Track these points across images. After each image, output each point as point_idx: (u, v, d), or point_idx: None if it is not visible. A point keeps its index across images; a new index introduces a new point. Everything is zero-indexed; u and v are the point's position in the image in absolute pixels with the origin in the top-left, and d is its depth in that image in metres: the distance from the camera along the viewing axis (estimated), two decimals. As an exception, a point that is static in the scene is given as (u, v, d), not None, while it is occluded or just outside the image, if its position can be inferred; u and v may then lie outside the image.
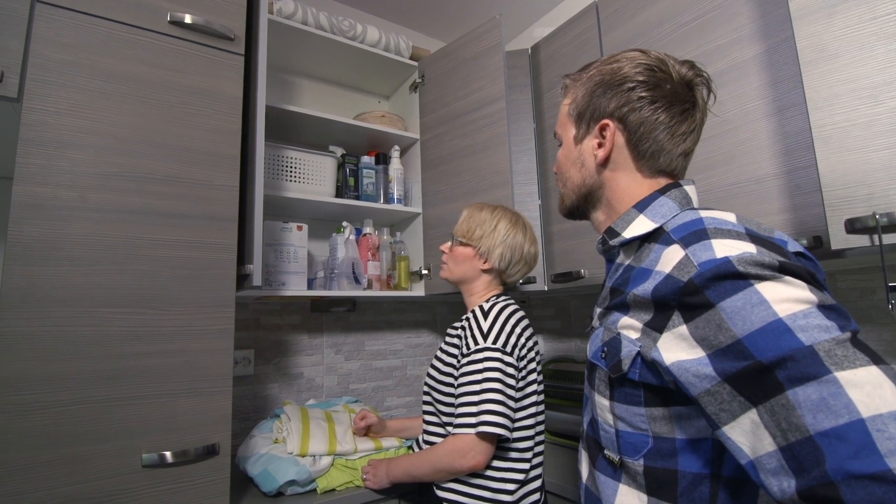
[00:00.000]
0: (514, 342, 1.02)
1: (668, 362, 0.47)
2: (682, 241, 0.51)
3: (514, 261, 1.15)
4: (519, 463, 1.01)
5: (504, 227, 1.15)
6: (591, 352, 0.60)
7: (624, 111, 0.61)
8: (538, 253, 1.22)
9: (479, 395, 0.96)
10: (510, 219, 1.17)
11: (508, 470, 1.00)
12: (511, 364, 0.99)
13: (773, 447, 0.39)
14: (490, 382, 0.97)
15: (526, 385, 1.03)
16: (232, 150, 1.05)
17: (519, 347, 1.03)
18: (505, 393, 0.97)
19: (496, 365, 0.98)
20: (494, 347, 1.00)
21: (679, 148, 0.61)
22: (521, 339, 1.05)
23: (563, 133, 0.70)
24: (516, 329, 1.04)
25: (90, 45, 0.92)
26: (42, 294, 0.83)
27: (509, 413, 0.97)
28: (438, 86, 1.62)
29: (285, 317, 1.57)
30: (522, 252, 1.16)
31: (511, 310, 1.07)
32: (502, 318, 1.04)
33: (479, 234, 1.15)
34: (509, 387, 0.98)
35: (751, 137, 1.03)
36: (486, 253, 1.14)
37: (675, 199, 0.60)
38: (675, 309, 0.48)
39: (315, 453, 1.14)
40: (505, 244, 1.14)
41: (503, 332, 1.02)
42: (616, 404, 0.55)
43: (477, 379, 0.97)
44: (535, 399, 1.05)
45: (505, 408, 0.96)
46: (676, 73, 0.60)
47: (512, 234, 1.15)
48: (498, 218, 1.17)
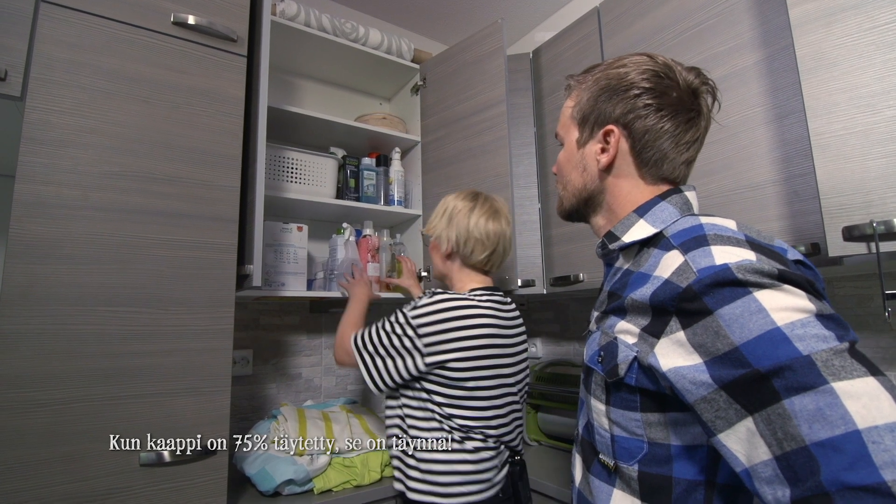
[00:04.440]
0: (430, 329, 0.97)
1: (664, 368, 0.47)
2: (682, 246, 0.51)
3: (462, 240, 1.09)
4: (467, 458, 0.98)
5: (453, 206, 1.11)
6: (588, 356, 0.60)
7: (629, 118, 0.61)
8: (500, 231, 1.10)
9: (372, 327, 1.05)
10: (465, 197, 1.12)
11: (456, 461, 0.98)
12: (408, 336, 0.98)
13: (768, 456, 0.40)
14: (384, 327, 1.02)
15: (457, 379, 0.98)
16: (233, 150, 1.06)
17: (435, 337, 0.97)
18: (384, 345, 1.00)
19: (398, 321, 1.00)
20: (405, 312, 1.00)
21: (683, 156, 0.62)
22: (449, 334, 0.97)
23: (565, 135, 0.70)
24: (448, 324, 0.97)
25: (94, 44, 0.93)
26: (42, 292, 0.83)
27: (381, 363, 1.00)
28: (440, 89, 1.62)
29: (284, 317, 1.58)
30: (471, 229, 1.08)
31: (455, 305, 0.99)
32: (438, 307, 0.99)
33: (435, 223, 1.14)
34: (392, 345, 0.99)
35: (749, 144, 1.04)
36: (439, 238, 1.12)
37: (675, 204, 0.60)
38: (673, 315, 0.48)
39: (312, 452, 1.14)
40: (453, 224, 1.10)
41: (426, 315, 0.98)
42: (612, 409, 0.55)
43: (378, 324, 1.05)
44: (477, 394, 1.00)
45: (378, 356, 1.00)
46: (683, 81, 0.61)
47: (462, 213, 1.09)
48: (452, 200, 1.13)
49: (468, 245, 1.08)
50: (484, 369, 0.99)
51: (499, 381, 1.02)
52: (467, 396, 0.99)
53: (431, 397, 0.99)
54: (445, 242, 1.11)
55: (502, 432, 1.03)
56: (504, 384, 1.04)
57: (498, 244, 1.10)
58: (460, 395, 0.98)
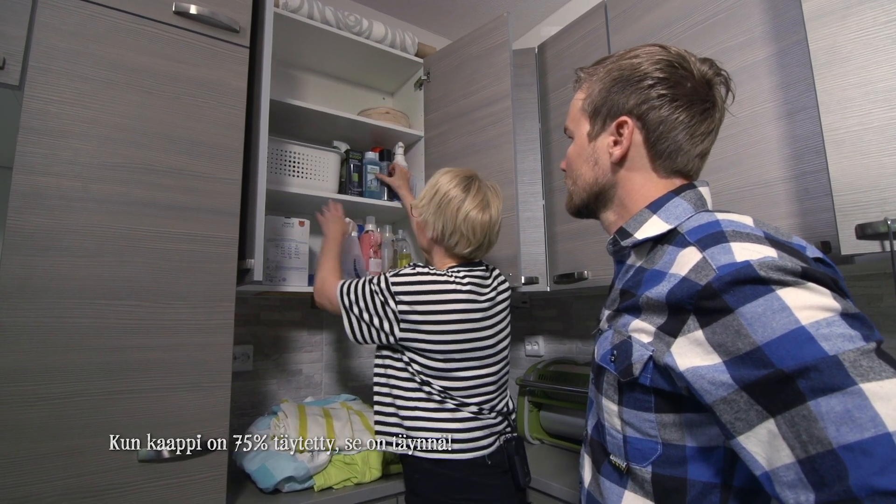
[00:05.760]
0: (406, 299, 1.00)
1: (681, 368, 0.46)
2: (699, 243, 0.50)
3: (448, 231, 1.07)
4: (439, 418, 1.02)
5: (445, 192, 1.08)
6: (600, 354, 0.59)
7: (643, 109, 0.59)
8: (489, 223, 1.08)
9: (358, 281, 1.08)
10: (458, 183, 1.08)
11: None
12: (385, 299, 1.02)
13: (791, 459, 0.38)
14: (369, 285, 1.05)
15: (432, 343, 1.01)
16: (235, 143, 1.04)
17: (408, 307, 1.00)
18: (367, 301, 1.03)
19: (379, 284, 1.03)
20: (387, 277, 1.04)
21: (697, 148, 0.60)
22: (422, 307, 1.00)
23: (575, 128, 0.68)
24: (423, 297, 1.00)
25: (94, 33, 0.91)
26: (41, 285, 0.82)
27: (361, 316, 1.04)
28: (444, 83, 1.60)
29: (285, 313, 1.56)
30: (458, 222, 1.05)
31: (433, 280, 1.02)
32: (416, 279, 1.02)
33: (424, 204, 1.11)
34: (374, 304, 1.03)
35: (759, 140, 1.02)
36: (426, 222, 1.10)
37: (689, 200, 0.59)
38: (691, 313, 0.46)
39: (313, 448, 1.12)
40: (441, 211, 1.07)
41: (404, 284, 1.01)
42: (624, 409, 0.54)
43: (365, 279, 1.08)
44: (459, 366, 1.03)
45: (359, 308, 1.04)
46: (697, 71, 0.59)
47: (453, 203, 1.06)
48: (446, 183, 1.09)
49: (453, 237, 1.07)
50: (458, 345, 1.02)
51: (476, 354, 1.05)
52: (443, 369, 1.02)
53: (411, 365, 1.03)
54: (431, 229, 1.10)
55: (482, 399, 1.05)
56: (482, 356, 1.06)
57: (484, 238, 1.09)
58: (436, 367, 1.02)
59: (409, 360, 1.03)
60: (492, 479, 1.02)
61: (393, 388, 1.05)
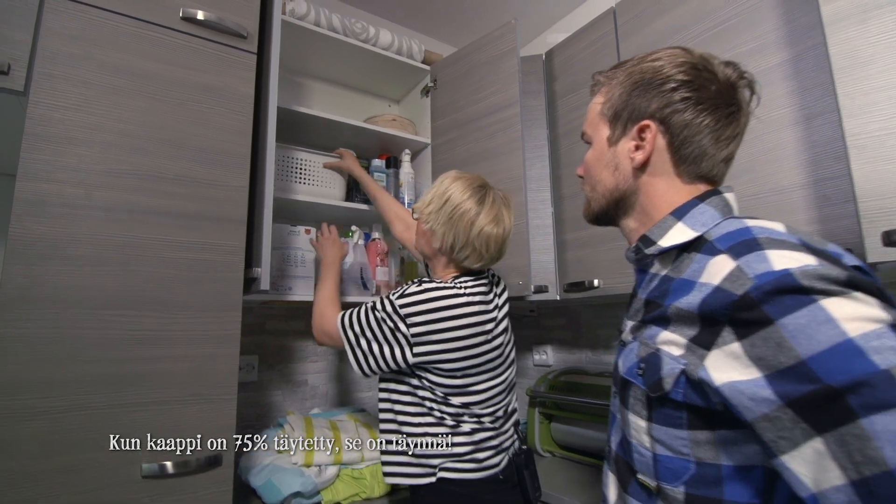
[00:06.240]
0: (419, 319, 0.94)
1: (717, 382, 0.44)
2: (731, 251, 0.47)
3: (459, 245, 1.00)
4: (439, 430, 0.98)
5: (458, 203, 1.00)
6: (625, 367, 0.56)
7: (666, 112, 0.57)
8: (502, 237, 1.03)
9: (359, 310, 1.02)
10: (472, 194, 1.01)
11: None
12: (395, 324, 0.95)
13: (842, 480, 0.36)
14: (371, 312, 0.99)
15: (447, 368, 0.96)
16: (242, 149, 1.02)
17: (423, 328, 0.94)
18: (372, 329, 0.97)
19: (384, 309, 0.97)
20: (391, 300, 0.97)
21: (722, 153, 0.58)
22: (438, 324, 0.94)
23: (593, 133, 0.66)
24: (437, 314, 0.94)
25: (100, 39, 0.90)
26: (43, 294, 0.80)
27: (366, 346, 0.97)
28: (451, 90, 1.59)
29: (291, 322, 1.54)
30: (471, 237, 0.99)
31: (444, 295, 0.96)
32: (427, 297, 0.96)
33: (430, 210, 1.03)
34: (381, 331, 0.97)
35: (775, 147, 1.00)
36: (433, 231, 1.02)
37: (715, 206, 0.57)
38: (726, 324, 0.44)
39: (321, 463, 1.10)
40: (453, 224, 1.00)
41: (414, 304, 0.95)
42: (654, 426, 0.51)
43: (366, 307, 1.01)
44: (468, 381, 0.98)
45: (364, 338, 0.98)
46: (721, 74, 0.57)
47: (466, 217, 0.99)
48: (458, 193, 1.01)
49: (464, 251, 1.01)
50: (476, 359, 0.97)
51: (491, 365, 1.01)
52: (460, 385, 0.98)
53: (422, 384, 0.98)
54: (440, 241, 1.02)
55: (497, 408, 1.02)
56: (495, 366, 1.02)
57: (497, 253, 1.04)
58: (454, 385, 0.97)
59: (421, 380, 0.98)
60: (502, 495, 0.99)
61: (398, 413, 1.00)
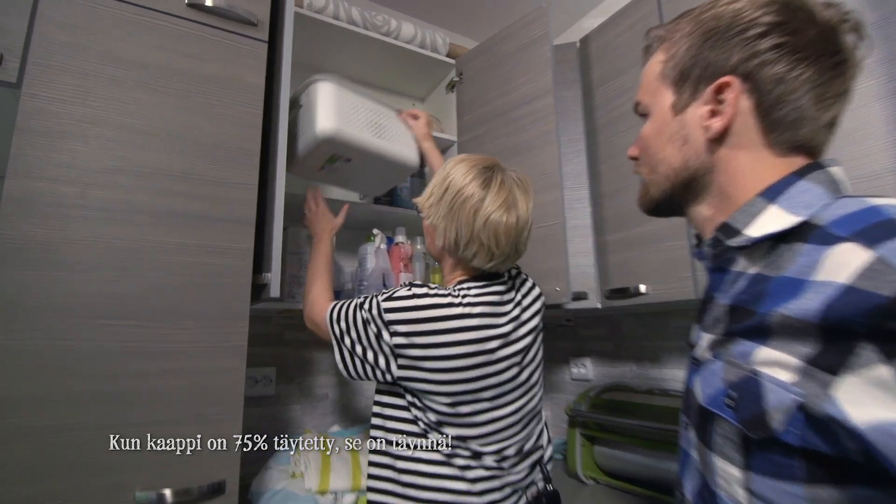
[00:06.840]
0: (401, 329, 0.80)
1: (856, 421, 0.31)
2: (860, 237, 0.35)
3: (464, 241, 0.84)
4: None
5: (459, 189, 0.84)
6: (707, 395, 0.43)
7: (752, 65, 0.45)
8: (517, 229, 0.85)
9: (350, 304, 0.90)
10: (476, 177, 0.85)
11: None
12: (377, 329, 0.82)
13: None
14: (360, 310, 0.86)
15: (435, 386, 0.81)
16: (252, 144, 0.94)
17: (405, 339, 0.80)
18: (358, 329, 0.85)
19: (370, 311, 0.84)
20: (378, 301, 0.84)
21: (826, 115, 0.45)
22: (424, 337, 0.80)
23: (651, 101, 0.54)
24: (423, 326, 0.80)
25: (100, 27, 0.83)
26: (32, 302, 0.73)
27: (350, 346, 0.86)
28: (478, 83, 1.49)
29: (310, 332, 1.44)
30: (476, 230, 0.83)
31: (436, 307, 0.81)
32: (414, 304, 0.81)
33: (431, 202, 0.89)
34: (366, 334, 0.84)
35: (860, 125, 0.86)
36: (435, 226, 0.88)
37: (820, 182, 0.44)
38: (863, 338, 0.31)
39: (337, 490, 0.99)
40: (454, 214, 0.85)
41: (399, 311, 0.81)
42: (755, 476, 0.38)
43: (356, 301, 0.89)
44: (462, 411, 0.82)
45: (348, 336, 0.86)
46: (820, 15, 0.45)
47: (469, 205, 0.83)
48: (460, 177, 0.86)
49: (470, 248, 0.85)
50: (468, 384, 0.81)
51: (491, 393, 0.83)
52: (450, 414, 0.82)
53: (416, 402, 0.84)
54: (441, 236, 0.88)
55: (503, 445, 0.84)
56: (500, 394, 0.85)
57: (510, 247, 0.86)
58: (444, 412, 0.82)
59: (410, 404, 0.84)
60: None
61: (389, 431, 0.85)
